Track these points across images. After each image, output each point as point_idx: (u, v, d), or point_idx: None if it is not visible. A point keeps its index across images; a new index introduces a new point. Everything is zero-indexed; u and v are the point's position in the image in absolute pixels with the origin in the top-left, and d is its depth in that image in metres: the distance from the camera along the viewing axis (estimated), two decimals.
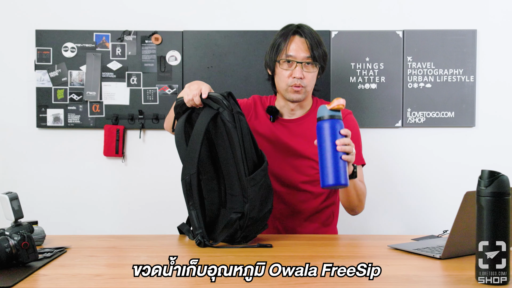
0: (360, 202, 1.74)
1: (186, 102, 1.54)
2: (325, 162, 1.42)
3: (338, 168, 1.41)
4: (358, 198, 1.72)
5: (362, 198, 1.74)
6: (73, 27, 2.43)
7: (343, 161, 1.41)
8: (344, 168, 1.42)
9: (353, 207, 1.76)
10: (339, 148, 1.40)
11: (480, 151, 2.44)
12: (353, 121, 1.82)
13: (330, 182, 1.41)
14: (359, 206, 1.76)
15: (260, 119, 1.84)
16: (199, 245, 1.48)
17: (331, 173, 1.41)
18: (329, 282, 1.14)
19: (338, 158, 1.41)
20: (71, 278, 1.17)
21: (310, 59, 1.72)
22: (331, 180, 1.41)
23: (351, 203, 1.74)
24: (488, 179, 1.08)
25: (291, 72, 1.73)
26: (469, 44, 2.40)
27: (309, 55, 1.72)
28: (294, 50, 1.72)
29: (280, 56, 1.75)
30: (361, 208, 1.78)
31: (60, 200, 2.47)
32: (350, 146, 1.43)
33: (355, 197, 1.70)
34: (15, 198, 1.45)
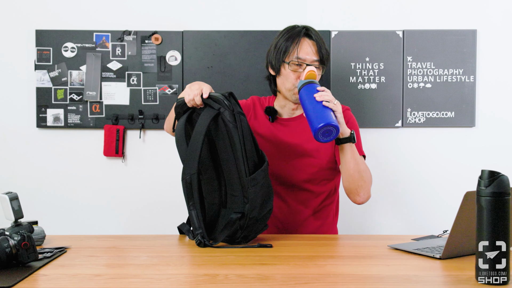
0: (363, 182, 1.67)
1: (187, 102, 1.55)
2: (309, 114, 1.53)
3: (323, 111, 1.51)
4: (360, 174, 1.65)
5: (365, 177, 1.67)
6: (73, 27, 2.43)
7: (327, 107, 1.52)
8: (329, 112, 1.52)
9: (355, 186, 1.67)
10: (319, 98, 1.53)
11: (480, 151, 2.44)
12: (351, 117, 1.83)
13: (318, 124, 1.48)
14: (363, 187, 1.67)
15: (259, 119, 1.85)
16: (199, 245, 1.48)
17: (317, 117, 1.50)
18: (329, 282, 1.14)
19: (321, 105, 1.52)
20: (71, 278, 1.17)
21: (318, 62, 1.74)
22: (319, 122, 1.48)
23: (353, 178, 1.66)
24: (488, 179, 1.08)
25: (299, 74, 1.73)
26: (469, 44, 2.40)
27: (317, 58, 1.73)
28: (304, 53, 1.73)
29: (289, 57, 1.74)
30: (365, 190, 1.69)
31: (60, 200, 2.47)
32: (330, 96, 1.55)
33: (355, 170, 1.64)
34: (15, 198, 1.45)
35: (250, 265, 1.28)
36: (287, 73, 1.75)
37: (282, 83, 1.78)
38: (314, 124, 1.49)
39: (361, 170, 1.66)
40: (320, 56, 1.74)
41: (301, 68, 1.73)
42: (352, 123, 1.80)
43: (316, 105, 1.53)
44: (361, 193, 1.69)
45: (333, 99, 1.55)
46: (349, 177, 1.67)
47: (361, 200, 1.71)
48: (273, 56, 1.78)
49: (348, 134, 1.61)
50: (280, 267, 1.26)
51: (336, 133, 1.50)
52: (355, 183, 1.68)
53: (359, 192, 1.69)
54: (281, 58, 1.75)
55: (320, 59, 1.74)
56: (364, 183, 1.68)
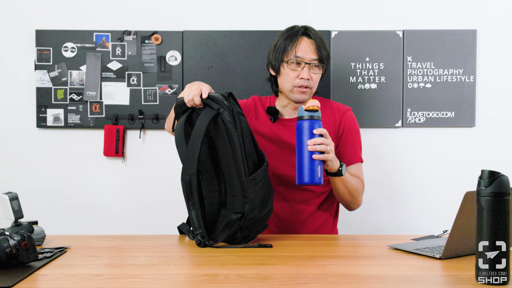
0: (353, 198, 1.76)
1: (186, 102, 1.54)
2: (298, 161, 1.51)
3: (310, 166, 1.49)
4: (351, 194, 1.74)
5: (355, 195, 1.75)
6: (73, 27, 2.43)
7: (316, 161, 1.49)
8: (315, 167, 1.49)
9: (347, 203, 1.78)
10: (310, 148, 1.48)
11: (480, 151, 2.44)
12: (351, 118, 1.83)
13: (301, 180, 1.50)
14: (353, 203, 1.78)
15: (261, 119, 1.85)
16: (199, 245, 1.48)
17: (302, 172, 1.50)
18: (329, 282, 1.14)
19: (310, 157, 1.49)
20: (71, 278, 1.17)
21: (317, 61, 1.74)
22: (303, 179, 1.50)
23: (344, 199, 1.76)
24: (488, 179, 1.08)
25: (299, 73, 1.73)
26: (469, 44, 2.40)
27: (316, 57, 1.74)
28: (303, 51, 1.74)
29: (288, 56, 1.75)
30: (356, 205, 1.80)
31: (60, 200, 2.47)
32: (323, 145, 1.50)
33: (346, 193, 1.73)
34: (15, 198, 1.45)
35: (250, 265, 1.28)
36: (286, 72, 1.75)
37: (282, 83, 1.79)
38: (299, 176, 1.51)
39: (351, 192, 1.74)
40: (319, 55, 1.74)
41: (300, 67, 1.73)
42: (351, 128, 1.81)
43: (306, 156, 1.49)
44: (351, 206, 1.81)
45: (327, 147, 1.50)
46: (339, 197, 1.77)
47: (351, 209, 1.83)
48: (273, 56, 1.79)
49: (336, 170, 1.63)
50: (280, 267, 1.26)
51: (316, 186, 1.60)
52: (345, 202, 1.79)
53: (349, 206, 1.81)
54: (280, 58, 1.76)
55: (319, 58, 1.74)
56: (353, 199, 1.77)
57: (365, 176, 1.86)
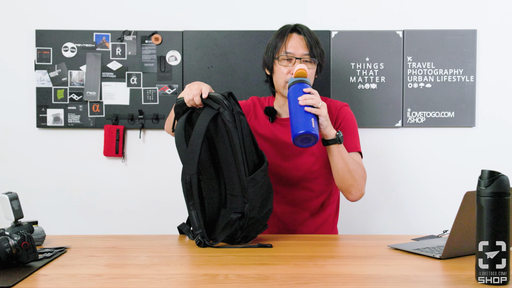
0: (354, 181, 1.68)
1: (187, 102, 1.55)
2: (292, 117, 1.52)
3: (303, 117, 1.50)
4: (351, 173, 1.66)
5: (355, 176, 1.68)
6: (73, 27, 2.43)
7: (309, 113, 1.51)
8: (309, 118, 1.51)
9: (348, 186, 1.69)
10: (302, 102, 1.52)
11: (480, 151, 2.43)
12: (348, 112, 1.83)
13: (296, 131, 1.49)
14: (354, 186, 1.69)
15: (260, 119, 1.85)
16: (199, 245, 1.48)
17: (296, 124, 1.50)
18: (329, 282, 1.14)
19: (303, 110, 1.52)
20: (71, 278, 1.17)
21: (309, 56, 1.74)
22: (297, 130, 1.49)
23: (344, 179, 1.67)
24: (488, 179, 1.08)
25: (290, 68, 1.73)
26: (469, 44, 2.40)
27: (307, 52, 1.74)
28: (293, 47, 1.74)
29: (278, 53, 1.76)
30: (358, 190, 1.70)
31: (60, 200, 2.47)
32: (314, 100, 1.53)
33: (346, 171, 1.66)
34: (15, 198, 1.45)
35: (250, 265, 1.28)
36: (278, 69, 1.76)
37: (276, 81, 1.80)
38: (293, 130, 1.50)
39: (351, 170, 1.66)
40: (310, 50, 1.73)
41: (291, 63, 1.74)
42: (348, 120, 1.80)
43: (298, 110, 1.52)
44: (352, 191, 1.71)
45: (318, 102, 1.53)
46: (338, 177, 1.69)
47: (353, 198, 1.73)
48: (266, 55, 1.81)
49: (333, 136, 1.61)
50: (280, 267, 1.26)
51: (314, 140, 1.51)
52: (345, 182, 1.69)
53: (350, 190, 1.70)
54: (272, 55, 1.78)
55: (311, 53, 1.73)
56: (355, 182, 1.68)
57: None
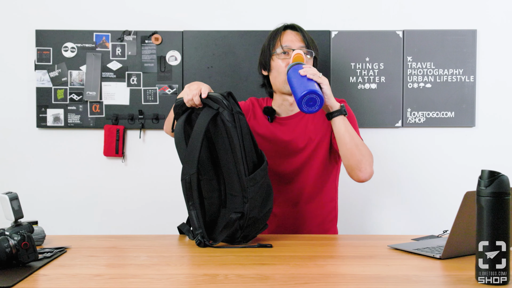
0: (363, 156, 1.62)
1: (186, 102, 1.55)
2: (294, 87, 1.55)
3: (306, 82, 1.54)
4: (358, 148, 1.62)
5: (364, 151, 1.63)
6: (73, 27, 2.43)
7: (312, 80, 1.55)
8: (313, 83, 1.55)
9: (357, 162, 1.62)
10: (303, 72, 1.55)
11: (480, 151, 2.44)
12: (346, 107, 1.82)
13: (301, 92, 1.50)
14: (363, 161, 1.62)
15: (259, 120, 1.85)
16: (199, 245, 1.48)
17: (300, 87, 1.52)
18: (329, 282, 1.14)
19: (305, 78, 1.55)
20: (71, 278, 1.17)
21: (305, 48, 1.76)
22: (302, 91, 1.50)
23: (352, 155, 1.61)
24: (488, 179, 1.08)
25: (288, 61, 1.75)
26: (469, 44, 2.40)
27: (304, 45, 1.77)
28: (288, 41, 1.78)
29: (274, 49, 1.78)
30: (366, 164, 1.62)
31: (60, 200, 2.47)
32: (315, 71, 1.57)
33: (353, 145, 1.61)
34: (15, 198, 1.45)
35: (250, 265, 1.28)
36: (276, 64, 1.78)
37: (274, 78, 1.80)
38: (297, 94, 1.52)
39: (358, 144, 1.63)
40: (306, 42, 1.77)
41: (288, 56, 1.76)
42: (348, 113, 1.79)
43: (301, 78, 1.56)
44: (362, 168, 1.63)
45: (319, 73, 1.58)
46: (347, 152, 1.63)
47: (364, 176, 1.64)
48: (262, 56, 1.84)
49: (338, 107, 1.62)
50: (280, 267, 1.26)
51: (320, 102, 1.51)
52: (354, 158, 1.62)
53: (360, 167, 1.63)
54: (269, 53, 1.79)
55: (307, 45, 1.77)
56: (363, 157, 1.63)
57: None
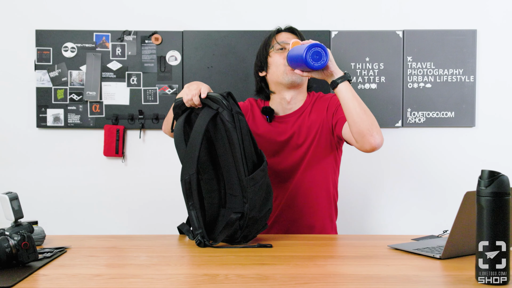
0: (372, 121, 1.59)
1: (185, 102, 1.54)
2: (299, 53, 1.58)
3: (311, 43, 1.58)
4: (366, 114, 1.59)
5: (371, 117, 1.60)
6: (73, 27, 2.43)
7: None
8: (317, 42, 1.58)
9: (367, 127, 1.58)
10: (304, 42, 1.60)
11: (480, 151, 2.43)
12: None
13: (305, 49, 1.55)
14: (374, 125, 1.59)
15: (257, 120, 1.85)
16: (199, 245, 1.48)
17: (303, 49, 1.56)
18: (329, 282, 1.14)
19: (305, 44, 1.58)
20: (71, 278, 1.17)
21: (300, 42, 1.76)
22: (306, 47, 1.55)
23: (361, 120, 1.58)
24: (488, 179, 1.08)
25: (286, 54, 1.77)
26: (469, 44, 2.40)
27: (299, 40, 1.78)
28: (284, 38, 1.83)
29: (271, 46, 1.83)
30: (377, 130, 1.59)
31: (60, 200, 2.47)
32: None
33: (360, 111, 1.58)
34: (15, 198, 1.45)
35: (250, 265, 1.28)
36: (274, 59, 1.81)
37: (273, 74, 1.82)
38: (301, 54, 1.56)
39: (365, 110, 1.60)
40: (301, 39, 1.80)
41: (285, 51, 1.80)
42: None
43: (301, 46, 1.60)
44: (374, 133, 1.59)
45: None
46: (357, 117, 1.59)
47: (376, 141, 1.59)
48: (258, 59, 1.87)
49: (341, 73, 1.62)
50: (280, 267, 1.26)
51: (326, 55, 1.56)
52: (364, 123, 1.58)
53: (372, 131, 1.58)
54: (266, 53, 1.83)
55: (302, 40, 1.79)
56: (373, 123, 1.59)
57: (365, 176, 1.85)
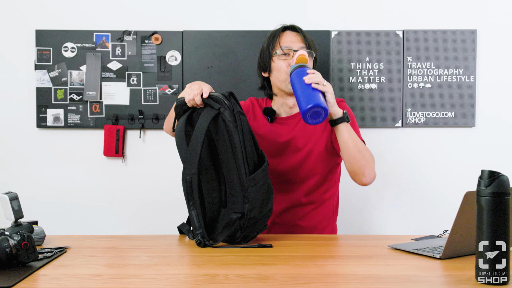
0: (366, 161, 1.64)
1: (187, 101, 1.55)
2: (298, 96, 1.53)
3: (311, 93, 1.51)
4: (362, 154, 1.63)
5: (367, 156, 1.64)
6: (73, 27, 2.43)
7: (317, 90, 1.53)
8: (318, 94, 1.52)
9: (360, 167, 1.63)
10: (307, 80, 1.53)
11: (480, 151, 2.44)
12: (345, 106, 1.83)
13: (306, 106, 1.49)
14: (366, 166, 1.64)
15: (259, 120, 1.85)
16: (199, 245, 1.48)
17: (305, 99, 1.51)
18: (329, 282, 1.14)
19: (310, 87, 1.53)
20: (71, 278, 1.17)
21: (306, 48, 1.76)
22: (307, 104, 1.49)
23: (356, 159, 1.62)
24: (488, 179, 1.08)
25: (289, 62, 1.75)
26: (469, 44, 2.40)
27: (304, 45, 1.77)
28: (288, 42, 1.78)
29: (274, 50, 1.78)
30: (370, 169, 1.65)
31: (60, 200, 2.47)
32: (319, 78, 1.54)
33: (356, 151, 1.62)
34: (15, 198, 1.45)
35: (250, 265, 1.28)
36: (277, 65, 1.78)
37: (275, 79, 1.80)
38: (302, 106, 1.50)
39: (361, 149, 1.64)
40: (307, 43, 1.77)
41: (289, 57, 1.76)
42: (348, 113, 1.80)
43: (305, 88, 1.54)
44: (366, 173, 1.65)
45: (323, 81, 1.56)
46: (350, 158, 1.64)
47: (368, 180, 1.67)
48: (261, 58, 1.84)
49: (341, 114, 1.61)
50: (280, 267, 1.26)
51: (325, 115, 1.51)
52: (357, 163, 1.64)
53: (364, 172, 1.65)
54: (269, 55, 1.79)
55: (307, 45, 1.77)
56: (367, 162, 1.64)
57: None
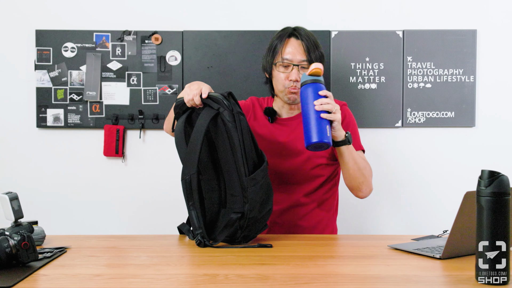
0: (364, 178, 1.71)
1: (186, 102, 1.55)
2: (306, 122, 1.50)
3: (319, 124, 1.49)
4: (361, 171, 1.69)
5: (365, 173, 1.70)
6: (73, 27, 2.43)
7: (324, 120, 1.50)
8: (324, 126, 1.49)
9: (358, 183, 1.71)
10: (318, 107, 1.49)
11: (480, 151, 2.44)
12: (348, 112, 1.83)
13: (311, 140, 1.48)
14: (364, 183, 1.71)
15: (259, 120, 1.85)
16: (199, 245, 1.48)
17: (311, 132, 1.49)
18: (329, 282, 1.14)
19: (318, 117, 1.50)
20: (71, 278, 1.17)
21: (307, 62, 1.73)
22: (312, 138, 1.48)
23: (355, 177, 1.69)
24: (488, 179, 1.08)
25: (288, 74, 1.74)
26: (469, 44, 2.40)
27: (305, 59, 1.73)
28: (290, 53, 1.74)
29: (276, 59, 1.76)
30: (367, 187, 1.73)
31: (60, 200, 2.47)
32: (330, 105, 1.51)
33: (356, 169, 1.68)
34: (15, 198, 1.45)
35: (250, 265, 1.28)
36: (277, 74, 1.77)
37: (274, 85, 1.81)
38: (307, 138, 1.49)
39: (360, 168, 1.69)
40: (308, 56, 1.73)
41: (289, 70, 1.74)
42: (348, 119, 1.80)
43: (313, 116, 1.50)
44: (363, 189, 1.74)
45: (333, 107, 1.51)
46: (349, 176, 1.71)
47: (364, 194, 1.76)
48: (265, 59, 1.82)
49: (343, 137, 1.61)
50: (280, 267, 1.26)
51: (327, 147, 1.51)
52: (356, 181, 1.72)
53: (361, 188, 1.73)
54: (270, 60, 1.78)
55: (309, 59, 1.73)
56: (365, 179, 1.71)
57: None
